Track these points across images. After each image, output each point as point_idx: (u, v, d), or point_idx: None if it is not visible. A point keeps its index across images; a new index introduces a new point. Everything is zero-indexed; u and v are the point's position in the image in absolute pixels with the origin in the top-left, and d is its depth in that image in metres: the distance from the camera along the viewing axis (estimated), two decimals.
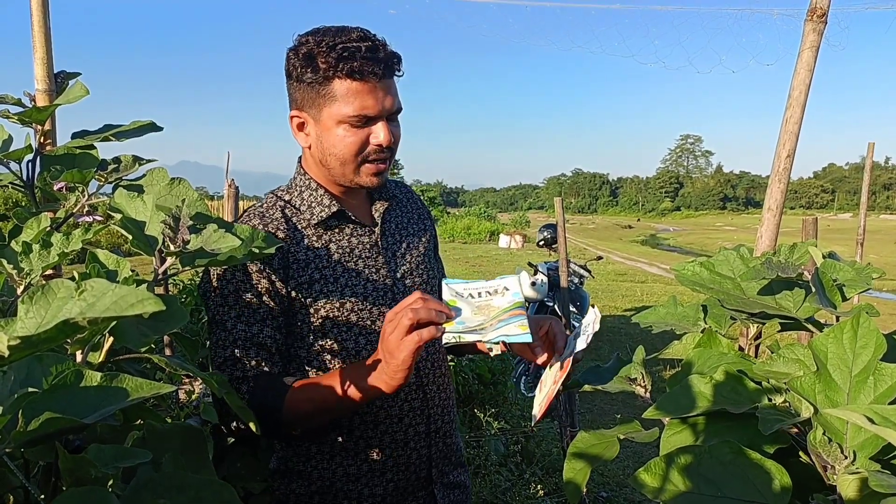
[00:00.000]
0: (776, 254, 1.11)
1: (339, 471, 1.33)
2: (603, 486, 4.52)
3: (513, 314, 1.06)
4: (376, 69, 1.23)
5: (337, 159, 1.29)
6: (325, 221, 1.34)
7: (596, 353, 8.49)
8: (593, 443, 0.99)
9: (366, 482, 1.34)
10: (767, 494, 0.75)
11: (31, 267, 0.86)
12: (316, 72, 1.23)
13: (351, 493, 1.33)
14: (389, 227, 1.44)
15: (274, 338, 1.28)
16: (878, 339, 0.82)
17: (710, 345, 1.07)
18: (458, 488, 1.49)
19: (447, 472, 1.47)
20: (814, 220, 2.97)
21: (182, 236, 0.93)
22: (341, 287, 1.30)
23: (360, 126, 1.25)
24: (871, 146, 4.40)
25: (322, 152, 1.30)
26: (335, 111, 1.24)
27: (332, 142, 1.27)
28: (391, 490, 1.36)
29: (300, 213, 1.34)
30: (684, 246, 37.18)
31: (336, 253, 1.33)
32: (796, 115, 1.68)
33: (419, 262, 1.45)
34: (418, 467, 1.39)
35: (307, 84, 1.25)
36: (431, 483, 1.42)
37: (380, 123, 1.26)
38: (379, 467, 1.34)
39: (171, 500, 0.70)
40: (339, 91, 1.23)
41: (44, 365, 0.69)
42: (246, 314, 1.26)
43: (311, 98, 1.26)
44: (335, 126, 1.26)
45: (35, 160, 1.15)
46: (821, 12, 1.66)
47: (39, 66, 1.26)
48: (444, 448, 1.45)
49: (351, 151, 1.27)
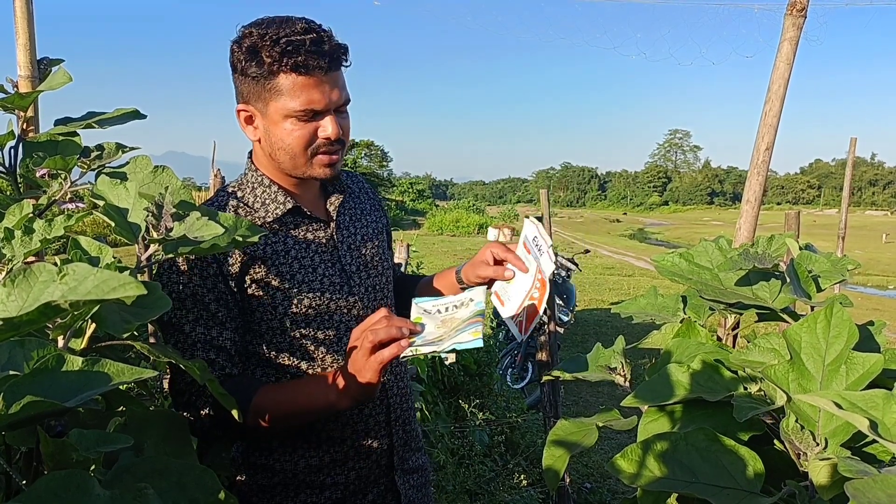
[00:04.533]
0: (754, 245, 1.13)
1: (301, 462, 1.33)
2: (587, 478, 4.56)
3: (471, 322, 1.09)
4: (321, 62, 1.21)
5: (286, 153, 1.28)
6: (280, 218, 1.33)
7: (582, 346, 8.55)
8: (572, 430, 1.01)
9: (328, 472, 1.35)
10: (741, 480, 0.77)
11: (12, 253, 0.86)
12: (261, 66, 1.21)
13: (314, 483, 1.34)
14: (344, 220, 1.43)
15: (233, 340, 1.27)
16: (850, 328, 0.84)
17: (688, 335, 1.09)
18: (418, 472, 1.51)
19: (406, 458, 1.48)
20: (796, 215, 3.00)
21: (165, 223, 0.93)
22: (298, 283, 1.30)
23: (308, 120, 1.24)
24: (853, 141, 4.44)
25: (271, 146, 1.29)
26: (281, 105, 1.23)
27: (280, 136, 1.26)
28: (353, 478, 1.37)
29: (254, 212, 1.32)
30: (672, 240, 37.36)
31: (293, 249, 1.32)
32: (775, 108, 1.70)
33: (374, 254, 1.45)
34: (380, 456, 1.41)
35: (252, 78, 1.23)
36: (393, 470, 1.44)
37: (327, 117, 1.25)
38: (341, 457, 1.35)
39: (152, 485, 0.70)
40: (285, 85, 1.21)
41: (25, 349, 0.70)
42: (204, 317, 1.24)
43: (257, 92, 1.25)
44: (282, 120, 1.24)
45: (17, 147, 1.15)
46: (800, 7, 1.67)
47: (22, 51, 1.26)
48: (403, 435, 1.47)
49: (299, 145, 1.26)
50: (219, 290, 1.25)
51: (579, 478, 4.51)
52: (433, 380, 4.66)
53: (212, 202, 1.34)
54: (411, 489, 1.47)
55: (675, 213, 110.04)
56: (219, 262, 1.24)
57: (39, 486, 0.59)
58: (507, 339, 7.01)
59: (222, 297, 1.25)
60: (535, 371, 5.95)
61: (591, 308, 11.49)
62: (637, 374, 1.10)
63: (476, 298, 1.15)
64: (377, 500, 1.42)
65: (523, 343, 6.41)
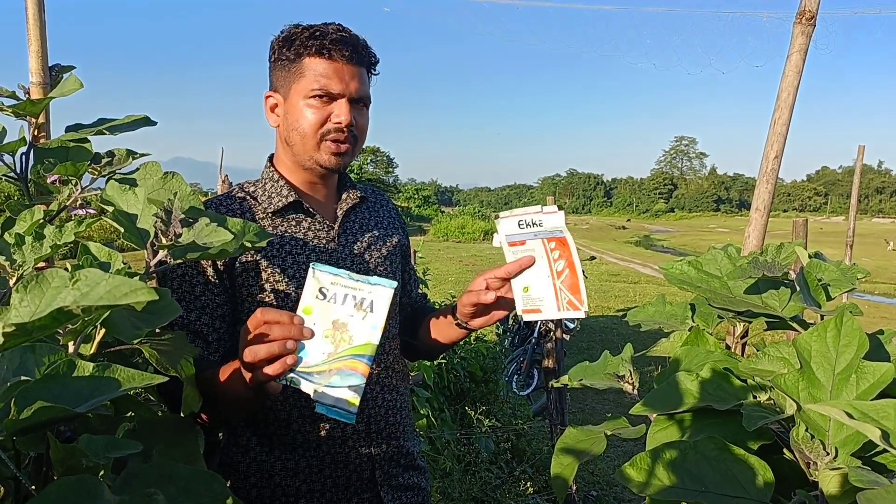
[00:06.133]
0: (763, 253, 1.12)
1: (277, 464, 1.32)
2: (593, 486, 4.54)
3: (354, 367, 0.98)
4: (344, 51, 1.28)
5: (298, 134, 1.32)
6: (280, 211, 1.35)
7: (588, 353, 8.52)
8: (581, 438, 1.00)
9: (304, 478, 1.32)
10: (750, 489, 0.76)
11: (23, 259, 0.87)
12: (290, 50, 1.30)
13: (289, 488, 1.32)
14: (352, 225, 1.44)
15: (213, 326, 1.27)
16: (860, 337, 0.84)
17: (697, 343, 1.08)
18: (412, 490, 1.46)
19: (395, 475, 1.43)
20: (804, 222, 2.99)
21: (174, 229, 0.94)
22: (288, 277, 1.30)
23: (323, 103, 1.29)
24: (861, 149, 4.42)
25: (287, 128, 1.34)
26: (301, 87, 1.29)
27: (295, 117, 1.31)
28: (330, 486, 1.34)
29: (258, 203, 1.36)
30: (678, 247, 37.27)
31: (289, 243, 1.33)
32: (784, 116, 1.70)
33: (378, 263, 1.44)
34: (359, 467, 1.36)
35: (282, 63, 1.32)
36: (377, 485, 1.38)
37: (341, 101, 1.30)
38: (317, 463, 1.33)
39: (161, 491, 0.71)
40: (308, 67, 1.29)
41: (36, 355, 0.70)
42: (186, 300, 1.26)
43: (284, 77, 1.32)
44: (300, 101, 1.30)
45: (29, 153, 1.16)
46: (809, 15, 1.67)
47: (34, 58, 1.26)
48: (388, 450, 1.41)
49: (312, 127, 1.30)
50: (207, 275, 1.27)
51: (585, 486, 4.49)
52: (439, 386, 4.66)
53: (225, 194, 1.39)
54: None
55: (681, 219, 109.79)
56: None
57: (51, 492, 0.60)
58: (512, 346, 7.00)
59: (209, 283, 1.27)
60: (541, 378, 5.94)
61: (596, 315, 11.46)
62: (644, 381, 1.10)
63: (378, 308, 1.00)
64: None
65: (529, 350, 6.40)
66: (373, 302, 1.00)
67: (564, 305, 1.15)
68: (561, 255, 1.16)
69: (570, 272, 1.15)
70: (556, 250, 1.16)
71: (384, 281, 1.00)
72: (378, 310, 1.00)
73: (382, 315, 0.99)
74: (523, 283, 1.21)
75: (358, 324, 0.99)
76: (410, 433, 1.50)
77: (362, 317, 0.99)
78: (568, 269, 1.15)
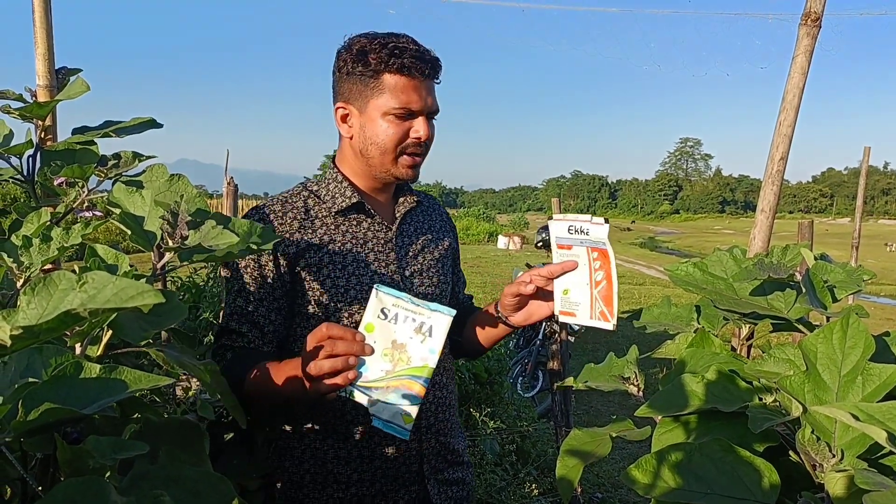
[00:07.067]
0: (769, 255, 1.12)
1: (330, 452, 1.37)
2: (598, 488, 4.53)
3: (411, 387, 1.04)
4: (423, 68, 1.33)
5: (378, 148, 1.37)
6: (343, 211, 1.41)
7: (593, 354, 8.51)
8: (586, 440, 1.00)
9: (355, 467, 1.38)
10: (756, 491, 0.76)
11: (30, 261, 0.87)
12: (367, 66, 1.33)
13: (340, 476, 1.37)
14: (408, 227, 1.50)
15: (269, 318, 1.35)
16: (866, 339, 0.83)
17: (702, 345, 1.08)
18: (457, 484, 1.52)
19: (442, 470, 1.48)
20: (809, 224, 2.98)
21: (181, 232, 0.94)
22: (348, 274, 1.36)
23: (403, 119, 1.34)
24: (867, 150, 4.41)
25: (364, 142, 1.38)
26: (382, 103, 1.33)
27: (374, 131, 1.36)
28: (380, 477, 1.39)
29: (322, 203, 1.42)
30: (682, 249, 37.20)
31: (350, 242, 1.39)
32: (790, 118, 1.69)
33: (431, 265, 1.50)
34: (408, 460, 1.42)
35: (357, 76, 1.35)
36: (424, 478, 1.44)
37: (420, 119, 1.36)
38: (367, 454, 1.38)
39: (168, 492, 0.71)
40: (388, 84, 1.33)
41: (44, 357, 0.70)
42: (246, 291, 1.34)
43: (359, 90, 1.35)
44: (380, 117, 1.35)
45: (35, 155, 1.16)
46: (815, 17, 1.67)
47: (41, 61, 1.27)
48: (436, 445, 1.47)
49: (392, 142, 1.35)
50: (268, 269, 1.35)
51: (590, 487, 4.48)
52: None
53: (290, 192, 1.45)
54: (447, 500, 1.48)
55: (686, 221, 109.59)
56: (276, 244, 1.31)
57: (57, 493, 0.60)
58: (517, 348, 6.99)
59: (270, 276, 1.35)
60: (546, 380, 5.93)
61: None
62: (649, 383, 1.10)
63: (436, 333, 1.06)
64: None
65: (534, 351, 6.39)
66: (431, 327, 1.06)
67: (597, 315, 1.21)
68: (602, 266, 1.20)
69: (606, 284, 1.20)
70: (597, 260, 1.21)
71: (443, 308, 1.06)
72: (436, 335, 1.05)
73: (440, 340, 1.05)
74: (564, 285, 1.27)
75: (416, 346, 1.05)
76: (457, 430, 1.56)
77: (421, 340, 1.05)
78: (606, 280, 1.20)
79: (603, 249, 1.19)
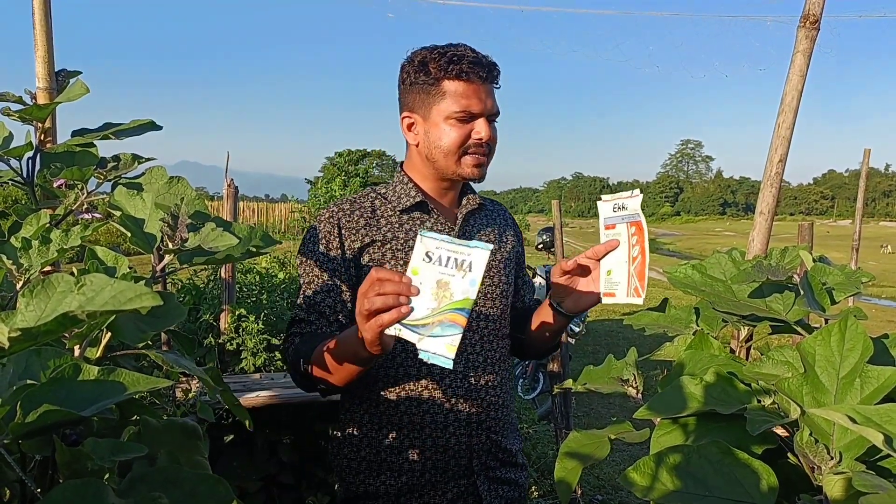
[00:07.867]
0: (768, 257, 1.12)
1: (385, 441, 1.46)
2: (598, 490, 4.53)
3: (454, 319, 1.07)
4: (481, 73, 1.41)
5: (441, 152, 1.45)
6: (407, 209, 1.50)
7: (593, 356, 8.51)
8: (584, 442, 1.00)
9: (406, 457, 1.45)
10: (754, 494, 0.76)
11: (30, 263, 0.87)
12: (428, 75, 1.42)
13: (394, 464, 1.46)
14: (469, 227, 1.57)
15: (334, 308, 1.44)
16: (865, 341, 0.83)
17: (701, 347, 1.08)
18: (509, 485, 1.56)
19: (493, 468, 1.53)
20: (809, 226, 2.98)
21: (180, 234, 0.94)
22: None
23: (464, 122, 1.43)
24: (867, 152, 4.41)
25: (429, 146, 1.47)
26: (443, 108, 1.42)
27: (438, 135, 1.44)
28: (430, 468, 1.46)
29: (388, 202, 1.52)
30: (683, 251, 37.18)
31: (412, 239, 1.46)
32: (788, 120, 1.70)
33: (492, 265, 1.55)
34: (457, 454, 1.47)
35: (420, 86, 1.44)
36: (473, 473, 1.49)
37: (481, 120, 1.43)
38: (419, 445, 1.45)
39: (166, 494, 0.71)
40: (448, 90, 1.42)
41: (42, 358, 0.70)
42: (314, 283, 1.45)
43: (422, 99, 1.45)
44: (442, 122, 1.43)
45: (35, 157, 1.16)
46: (813, 19, 1.67)
47: (40, 64, 1.27)
48: (486, 442, 1.51)
49: (455, 144, 1.44)
50: (335, 262, 1.44)
51: (590, 489, 4.48)
52: None
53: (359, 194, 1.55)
54: (497, 499, 1.52)
55: (687, 223, 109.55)
56: (341, 238, 1.45)
57: (56, 494, 0.60)
58: None
59: (336, 268, 1.45)
60: (546, 382, 5.93)
61: (601, 319, 11.45)
62: (649, 385, 1.10)
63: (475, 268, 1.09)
64: (456, 499, 1.48)
65: None
66: (471, 263, 1.09)
67: (631, 291, 1.23)
68: (638, 241, 1.22)
69: (641, 258, 1.21)
70: (634, 235, 1.23)
71: (481, 244, 1.10)
72: (476, 269, 1.09)
73: (479, 273, 1.09)
74: (608, 266, 1.29)
75: (458, 282, 1.09)
76: (511, 431, 1.61)
77: (462, 276, 1.09)
78: (640, 255, 1.21)
79: (638, 222, 1.22)
